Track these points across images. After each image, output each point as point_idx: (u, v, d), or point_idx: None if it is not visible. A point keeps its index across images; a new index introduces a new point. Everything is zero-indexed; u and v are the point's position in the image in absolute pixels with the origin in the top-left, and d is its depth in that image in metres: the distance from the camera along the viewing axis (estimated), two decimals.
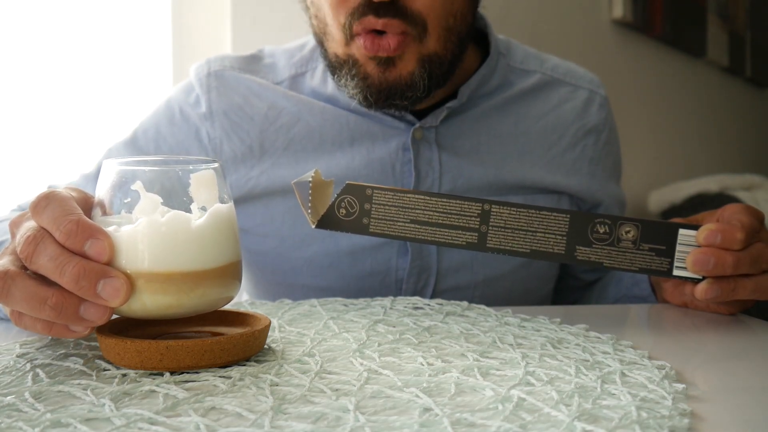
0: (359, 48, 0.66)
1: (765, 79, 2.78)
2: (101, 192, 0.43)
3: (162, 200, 0.42)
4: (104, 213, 0.43)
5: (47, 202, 0.42)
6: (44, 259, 0.40)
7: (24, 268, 0.42)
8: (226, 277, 0.43)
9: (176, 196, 0.43)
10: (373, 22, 0.64)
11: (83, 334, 0.41)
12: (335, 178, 0.73)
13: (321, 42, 0.71)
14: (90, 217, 0.43)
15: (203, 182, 0.43)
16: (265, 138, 0.75)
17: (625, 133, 0.98)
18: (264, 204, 0.75)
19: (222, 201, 0.44)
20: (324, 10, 0.68)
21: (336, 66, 0.69)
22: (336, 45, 0.68)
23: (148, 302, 0.41)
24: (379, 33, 0.65)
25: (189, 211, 0.43)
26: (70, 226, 0.40)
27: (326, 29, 0.69)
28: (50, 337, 0.48)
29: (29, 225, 0.42)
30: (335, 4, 0.66)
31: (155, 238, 0.40)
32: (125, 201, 0.42)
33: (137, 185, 0.42)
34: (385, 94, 0.67)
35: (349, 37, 0.66)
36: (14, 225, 0.45)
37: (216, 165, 0.44)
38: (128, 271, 0.40)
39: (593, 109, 0.81)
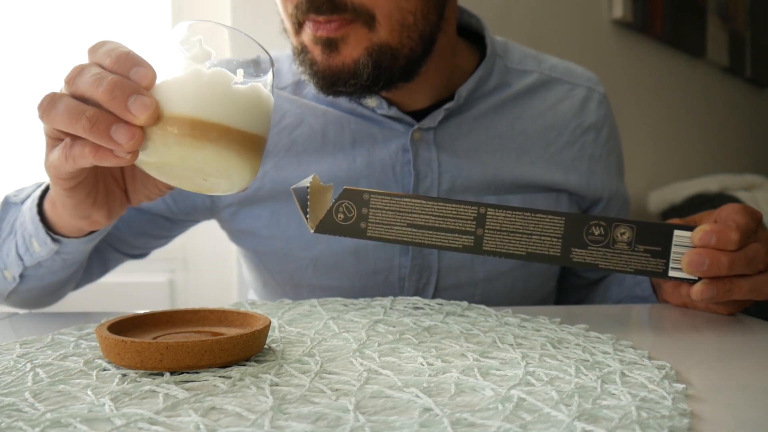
0: (307, 34, 0.67)
1: (765, 79, 2.78)
2: (163, 45, 0.46)
3: (215, 55, 0.45)
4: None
5: (104, 42, 0.46)
6: (86, 77, 0.43)
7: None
8: (249, 145, 0.45)
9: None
10: (315, 18, 0.65)
11: (123, 160, 0.44)
12: (338, 180, 0.73)
13: (288, 37, 0.72)
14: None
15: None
16: (268, 139, 0.75)
17: (625, 133, 0.98)
18: (269, 206, 0.75)
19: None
20: (278, 3, 0.70)
21: (296, 56, 0.71)
22: (291, 36, 0.70)
23: (171, 144, 0.43)
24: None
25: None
26: (120, 54, 0.44)
27: (284, 24, 0.71)
28: (50, 337, 0.48)
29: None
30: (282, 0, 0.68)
31: (195, 85, 0.43)
32: (182, 47, 0.46)
33: (197, 39, 0.45)
34: (329, 80, 0.67)
35: (298, 25, 0.67)
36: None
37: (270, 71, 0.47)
38: (163, 113, 0.43)
39: (591, 107, 0.81)
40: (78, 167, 0.47)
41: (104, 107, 0.43)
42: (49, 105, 0.44)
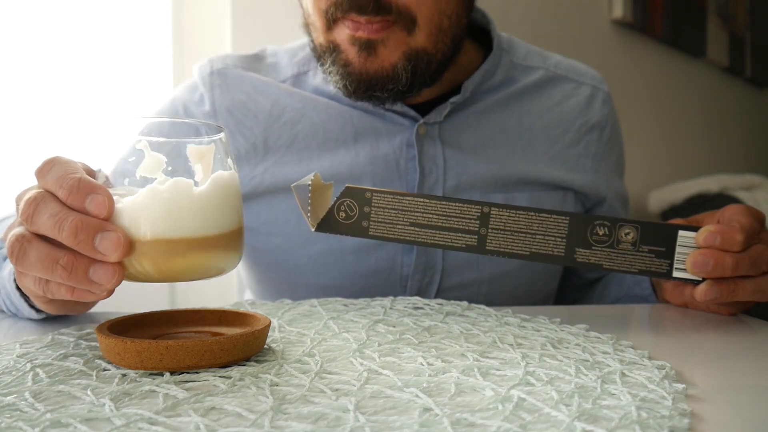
0: (341, 32, 0.66)
1: (765, 79, 2.78)
2: (106, 155, 0.44)
3: (166, 160, 0.43)
4: (107, 180, 0.44)
5: (51, 165, 0.43)
6: (44, 217, 0.41)
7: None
8: (228, 242, 0.44)
9: (182, 160, 0.44)
10: (356, 18, 0.64)
11: (101, 296, 0.43)
12: (340, 176, 0.73)
13: (308, 32, 0.71)
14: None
15: (200, 155, 0.44)
16: (269, 135, 0.75)
17: (625, 133, 0.98)
18: (268, 202, 0.75)
19: (224, 169, 0.45)
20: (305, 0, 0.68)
21: (320, 54, 0.69)
22: (318, 33, 0.69)
23: (150, 269, 0.42)
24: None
25: (193, 173, 0.44)
26: (72, 183, 0.41)
27: (309, 18, 0.69)
28: (50, 337, 0.48)
29: (32, 189, 0.43)
30: None
31: (157, 206, 0.41)
32: (130, 160, 0.43)
33: (142, 144, 0.43)
34: (365, 85, 0.66)
35: (331, 22, 0.66)
36: (19, 198, 0.46)
37: (220, 135, 0.45)
38: (132, 239, 0.41)
39: (596, 105, 0.82)
40: (55, 298, 0.45)
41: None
42: (19, 253, 0.41)
